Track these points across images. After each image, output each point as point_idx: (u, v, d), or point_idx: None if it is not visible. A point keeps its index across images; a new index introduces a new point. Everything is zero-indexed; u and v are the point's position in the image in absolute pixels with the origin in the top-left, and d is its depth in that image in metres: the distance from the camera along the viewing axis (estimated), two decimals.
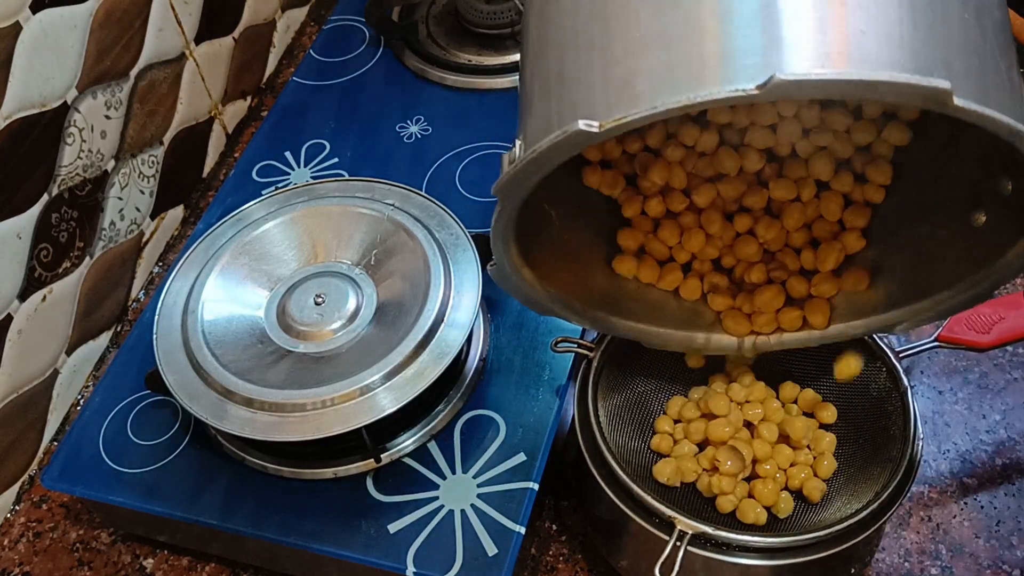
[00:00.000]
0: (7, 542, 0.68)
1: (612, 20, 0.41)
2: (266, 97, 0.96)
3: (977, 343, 0.62)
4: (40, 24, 0.66)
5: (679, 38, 0.39)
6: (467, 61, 0.87)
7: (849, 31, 0.37)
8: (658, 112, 0.38)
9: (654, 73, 0.39)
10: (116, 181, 0.77)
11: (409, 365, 0.58)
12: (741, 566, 0.52)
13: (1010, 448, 0.67)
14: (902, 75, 0.36)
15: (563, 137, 0.39)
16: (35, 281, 0.69)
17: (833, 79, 0.36)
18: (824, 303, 0.56)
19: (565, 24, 0.44)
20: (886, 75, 0.36)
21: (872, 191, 0.54)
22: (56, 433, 0.73)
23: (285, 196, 0.70)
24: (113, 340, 0.79)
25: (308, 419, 0.57)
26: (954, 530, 0.63)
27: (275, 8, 0.96)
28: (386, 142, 0.81)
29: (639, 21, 0.40)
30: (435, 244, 0.64)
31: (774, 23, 0.38)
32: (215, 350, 0.61)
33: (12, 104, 0.64)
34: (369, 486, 0.60)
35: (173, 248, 0.85)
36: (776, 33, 0.38)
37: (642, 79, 0.39)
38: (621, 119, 0.38)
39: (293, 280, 0.65)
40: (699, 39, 0.39)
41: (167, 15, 0.80)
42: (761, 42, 0.38)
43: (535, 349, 0.65)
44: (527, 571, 0.63)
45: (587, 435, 0.57)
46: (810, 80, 0.36)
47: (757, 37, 0.38)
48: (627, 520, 0.54)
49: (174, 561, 0.66)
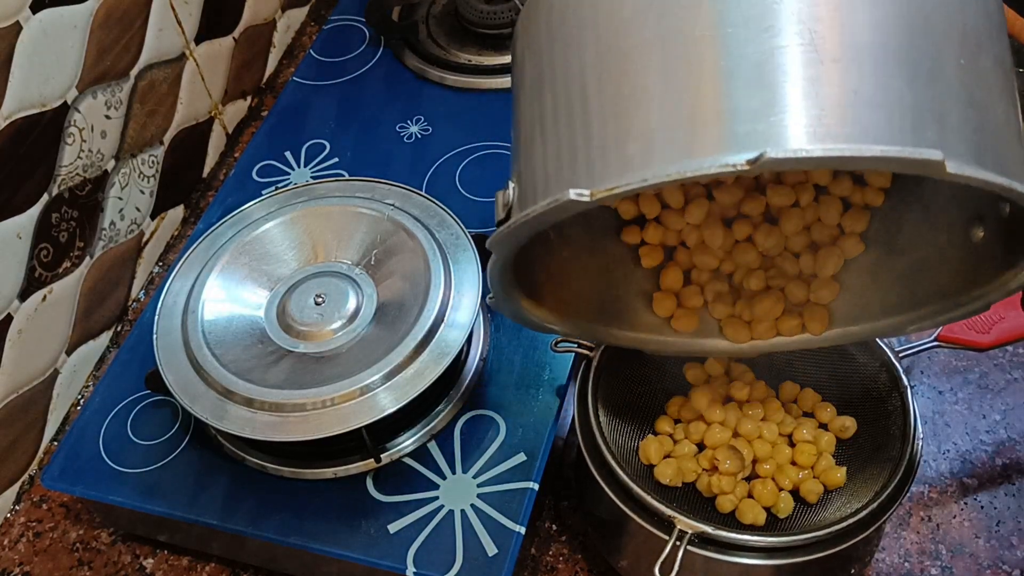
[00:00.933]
0: (7, 542, 0.68)
1: (604, 75, 0.41)
2: (266, 97, 0.96)
3: (977, 343, 0.62)
4: (40, 24, 0.66)
5: (669, 98, 0.39)
6: (467, 61, 0.87)
7: (842, 91, 0.37)
8: (648, 185, 0.38)
9: (644, 136, 0.39)
10: (116, 181, 0.77)
11: (409, 365, 0.58)
12: (741, 565, 0.52)
13: (1010, 448, 0.67)
14: (893, 148, 0.36)
15: (554, 205, 0.41)
16: (35, 281, 0.69)
17: (824, 156, 0.36)
18: (823, 309, 0.56)
19: (557, 70, 0.44)
20: (878, 150, 0.36)
21: (871, 195, 0.54)
22: (56, 433, 0.73)
23: (285, 196, 0.70)
24: (113, 340, 0.79)
25: (308, 419, 0.57)
26: (954, 530, 0.63)
27: (275, 8, 0.96)
28: (386, 142, 0.81)
29: (630, 77, 0.41)
30: (435, 244, 0.64)
31: (765, 85, 0.38)
32: (215, 350, 0.61)
33: (12, 104, 0.64)
34: (369, 486, 0.60)
35: (173, 248, 0.85)
36: (767, 97, 0.37)
37: (633, 143, 0.40)
38: (612, 189, 0.39)
39: (293, 280, 0.65)
40: (690, 100, 0.39)
41: (167, 15, 0.80)
42: (753, 105, 0.37)
43: (535, 349, 0.65)
44: (527, 571, 0.63)
45: (587, 435, 0.57)
46: (800, 158, 0.36)
47: (748, 99, 0.38)
48: (627, 520, 0.54)
49: (174, 561, 0.66)
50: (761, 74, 0.38)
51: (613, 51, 0.42)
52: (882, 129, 0.37)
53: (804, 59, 0.38)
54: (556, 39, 0.45)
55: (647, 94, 0.40)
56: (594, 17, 0.43)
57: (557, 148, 0.43)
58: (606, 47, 0.42)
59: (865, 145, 0.36)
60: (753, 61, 0.38)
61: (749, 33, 0.38)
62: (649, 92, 0.40)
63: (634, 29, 0.41)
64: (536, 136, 0.45)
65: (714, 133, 0.38)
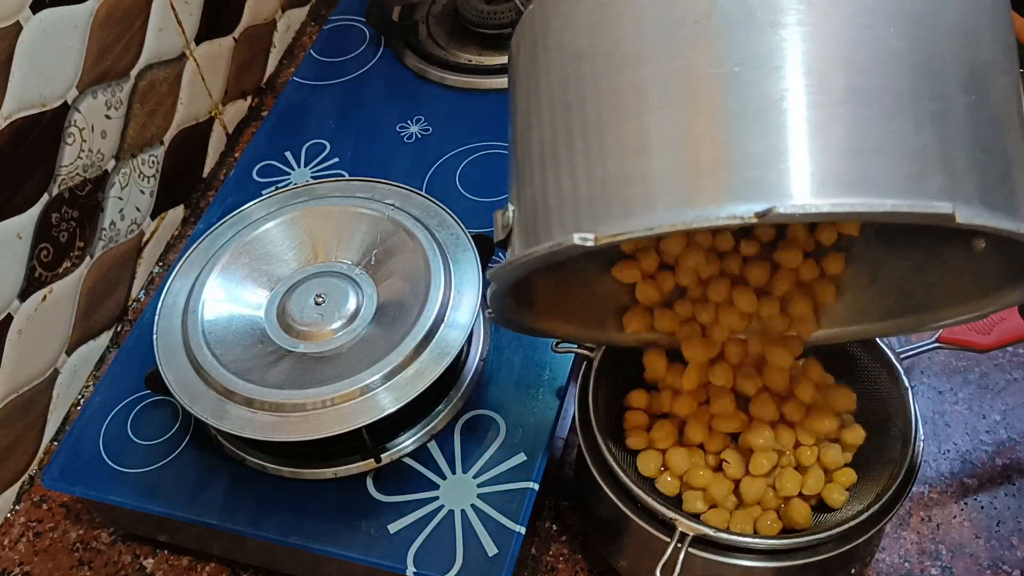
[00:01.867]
0: (7, 542, 0.68)
1: (605, 111, 0.41)
2: (266, 97, 0.96)
3: (977, 344, 0.62)
4: (40, 24, 0.66)
5: (673, 139, 0.39)
6: (467, 61, 0.87)
7: (849, 136, 0.37)
8: (652, 233, 0.38)
9: (648, 179, 0.39)
10: (116, 181, 0.77)
11: (409, 365, 0.58)
12: (742, 567, 0.52)
13: (1010, 448, 0.67)
14: (903, 203, 0.36)
15: (557, 248, 0.41)
16: (35, 281, 0.69)
17: (833, 211, 0.36)
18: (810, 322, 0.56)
19: (555, 100, 0.43)
20: (888, 205, 0.36)
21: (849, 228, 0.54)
22: (56, 433, 0.73)
23: (285, 196, 0.70)
24: (113, 340, 0.79)
25: (308, 419, 0.57)
26: (954, 530, 0.63)
27: (275, 8, 0.96)
28: (386, 142, 0.81)
29: (632, 116, 0.40)
30: (435, 244, 0.64)
31: (772, 130, 0.37)
32: (215, 350, 0.61)
33: (12, 104, 0.64)
34: (369, 486, 0.60)
35: (173, 248, 0.85)
36: (774, 142, 0.37)
37: (636, 185, 0.39)
38: (616, 235, 0.39)
39: (293, 280, 0.65)
40: (694, 143, 0.38)
41: (167, 15, 0.80)
42: (759, 150, 0.37)
43: (535, 349, 0.65)
44: (527, 571, 0.63)
45: (587, 435, 0.57)
46: (810, 213, 0.36)
47: (755, 144, 0.37)
48: (628, 521, 0.54)
49: (174, 561, 0.66)
50: (767, 118, 0.37)
51: (614, 88, 0.41)
52: (889, 177, 0.37)
53: (810, 101, 0.37)
54: (552, 70, 0.44)
55: (649, 135, 0.39)
56: (592, 50, 0.42)
57: (557, 181, 0.42)
58: (606, 83, 0.41)
59: (875, 199, 0.36)
60: (759, 104, 0.37)
61: (756, 74, 0.38)
62: (651, 132, 0.39)
63: (635, 65, 0.40)
64: (535, 164, 0.44)
65: (720, 179, 0.37)
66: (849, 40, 0.38)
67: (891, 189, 0.37)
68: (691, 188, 0.38)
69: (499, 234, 0.46)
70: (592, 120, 0.41)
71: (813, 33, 0.38)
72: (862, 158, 0.37)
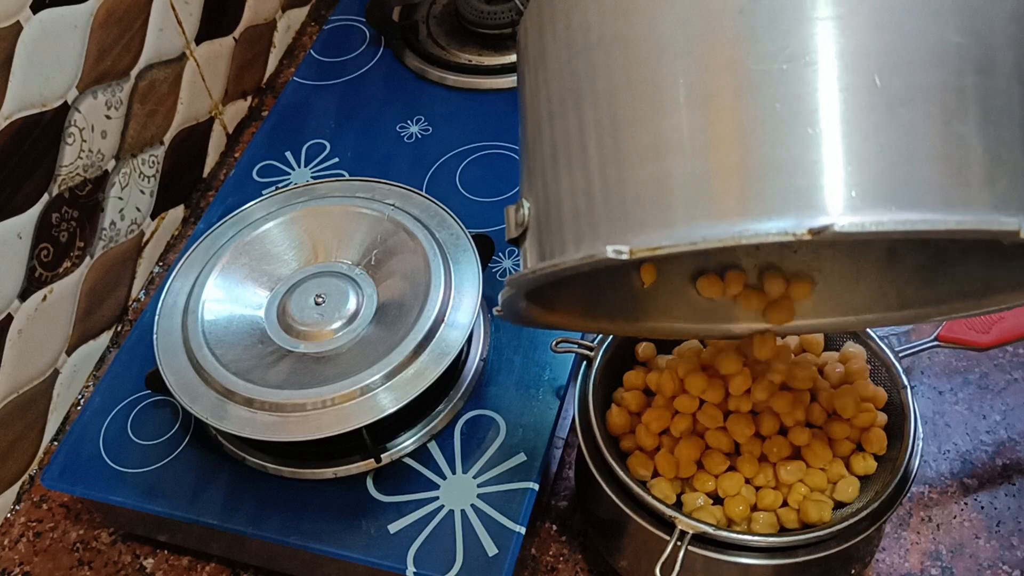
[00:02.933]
0: (7, 542, 0.68)
1: (640, 98, 0.37)
2: (266, 97, 0.96)
3: (977, 343, 0.62)
4: (41, 24, 0.66)
5: (716, 142, 0.35)
6: (467, 61, 0.87)
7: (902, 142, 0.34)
8: (696, 248, 0.34)
9: (689, 186, 0.36)
10: (116, 181, 0.77)
11: (409, 365, 0.58)
12: (741, 565, 0.52)
13: (1010, 448, 0.67)
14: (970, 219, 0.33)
15: (589, 261, 0.37)
16: (35, 281, 0.69)
17: (893, 229, 0.33)
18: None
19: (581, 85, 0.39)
20: (954, 222, 0.33)
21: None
22: (56, 433, 0.73)
23: (285, 196, 0.70)
24: (113, 340, 0.79)
25: (308, 419, 0.57)
26: (954, 530, 0.63)
27: (275, 8, 0.96)
28: (386, 142, 0.81)
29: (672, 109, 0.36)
30: (435, 244, 0.64)
31: (824, 136, 0.34)
32: (215, 350, 0.61)
33: (12, 104, 0.64)
34: (369, 486, 0.60)
35: (173, 248, 0.85)
36: (828, 150, 0.34)
37: (676, 194, 0.36)
38: (655, 249, 0.35)
39: (293, 280, 0.65)
40: (739, 147, 0.35)
41: (167, 15, 0.80)
42: (810, 157, 0.34)
43: (535, 349, 0.65)
44: (527, 571, 0.63)
45: (587, 435, 0.57)
46: (867, 232, 0.33)
47: (806, 152, 0.34)
48: (627, 520, 0.54)
49: (174, 561, 0.66)
50: (820, 121, 0.34)
51: (649, 78, 0.37)
52: (949, 188, 0.34)
53: (867, 103, 0.34)
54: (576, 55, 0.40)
55: (688, 134, 0.36)
56: (625, 34, 0.38)
57: (585, 179, 0.39)
58: (639, 71, 0.38)
59: (940, 216, 0.33)
60: (811, 105, 0.34)
61: (807, 72, 0.35)
62: (691, 132, 0.36)
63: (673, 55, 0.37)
64: (548, 161, 0.41)
65: (770, 188, 0.34)
66: (909, 35, 0.35)
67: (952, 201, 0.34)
68: (736, 199, 0.35)
69: (512, 232, 0.43)
70: (624, 113, 0.38)
71: (868, 26, 0.35)
72: (915, 155, 0.34)
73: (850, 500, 0.55)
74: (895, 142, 0.34)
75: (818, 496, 0.55)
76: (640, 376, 0.59)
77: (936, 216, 0.34)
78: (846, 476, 0.55)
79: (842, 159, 0.34)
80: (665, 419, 0.57)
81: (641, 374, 0.59)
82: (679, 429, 0.56)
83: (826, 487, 0.55)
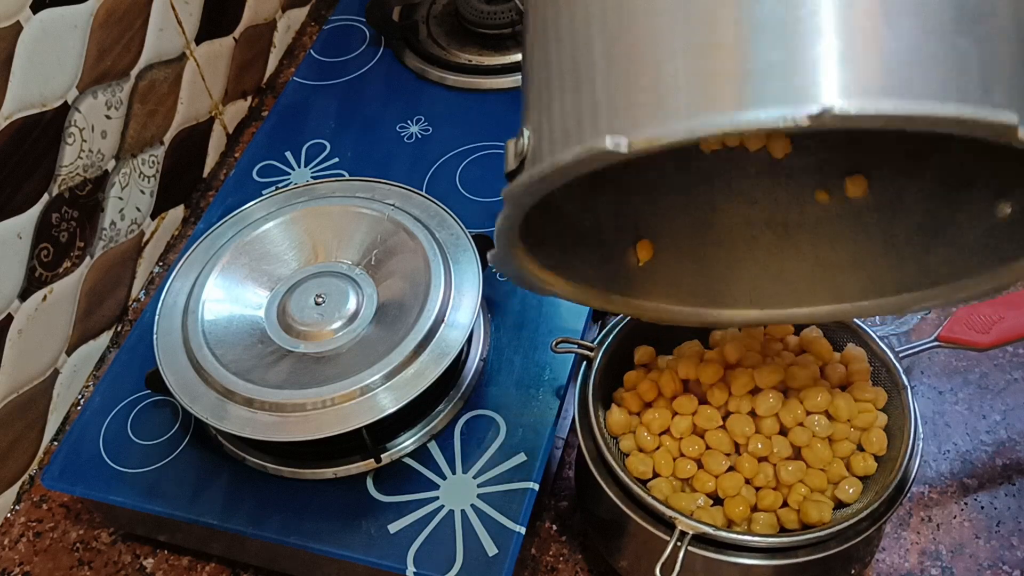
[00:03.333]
0: (7, 542, 0.68)
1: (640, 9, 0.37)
2: (266, 97, 0.96)
3: (977, 343, 0.62)
4: (41, 24, 0.66)
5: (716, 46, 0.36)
6: (467, 61, 0.87)
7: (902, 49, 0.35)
8: (694, 136, 0.35)
9: (689, 87, 0.36)
10: (116, 181, 0.77)
11: (409, 365, 0.58)
12: (742, 566, 0.52)
13: (1010, 448, 0.67)
14: (966, 109, 0.34)
15: (585, 155, 0.36)
16: (35, 281, 0.69)
17: (891, 114, 0.34)
18: None
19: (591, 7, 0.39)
20: (952, 109, 0.34)
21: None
22: (56, 433, 0.73)
23: (285, 196, 0.70)
24: (113, 340, 0.79)
25: (308, 419, 0.57)
26: (954, 530, 0.63)
27: (275, 8, 0.96)
28: (386, 142, 0.81)
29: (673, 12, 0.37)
30: (435, 244, 0.64)
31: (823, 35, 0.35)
32: (215, 350, 0.61)
33: (12, 104, 0.64)
34: (369, 486, 0.60)
35: (173, 248, 0.85)
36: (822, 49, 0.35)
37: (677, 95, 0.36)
38: (653, 139, 0.35)
39: (293, 280, 0.65)
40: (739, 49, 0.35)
41: (168, 15, 0.80)
42: (809, 57, 0.35)
43: (535, 349, 0.65)
44: (527, 571, 0.63)
45: (587, 435, 0.57)
46: (866, 115, 0.33)
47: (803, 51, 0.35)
48: (627, 520, 0.54)
49: (174, 561, 0.66)
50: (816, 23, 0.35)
51: None
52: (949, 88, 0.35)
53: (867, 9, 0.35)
54: None
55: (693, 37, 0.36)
56: None
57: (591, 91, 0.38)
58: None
59: (939, 105, 0.34)
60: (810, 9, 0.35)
61: None
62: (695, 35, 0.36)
63: None
64: (555, 80, 0.40)
65: (767, 86, 0.35)
66: None
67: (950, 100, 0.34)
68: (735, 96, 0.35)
69: (510, 163, 0.41)
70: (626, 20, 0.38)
71: None
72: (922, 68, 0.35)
73: (850, 500, 0.55)
74: (895, 48, 0.35)
75: (818, 496, 0.55)
76: (640, 376, 0.59)
77: (935, 105, 0.34)
78: (846, 476, 0.55)
79: (841, 59, 0.35)
80: (665, 419, 0.57)
81: (641, 375, 0.59)
82: (679, 429, 0.56)
83: (826, 487, 0.55)
